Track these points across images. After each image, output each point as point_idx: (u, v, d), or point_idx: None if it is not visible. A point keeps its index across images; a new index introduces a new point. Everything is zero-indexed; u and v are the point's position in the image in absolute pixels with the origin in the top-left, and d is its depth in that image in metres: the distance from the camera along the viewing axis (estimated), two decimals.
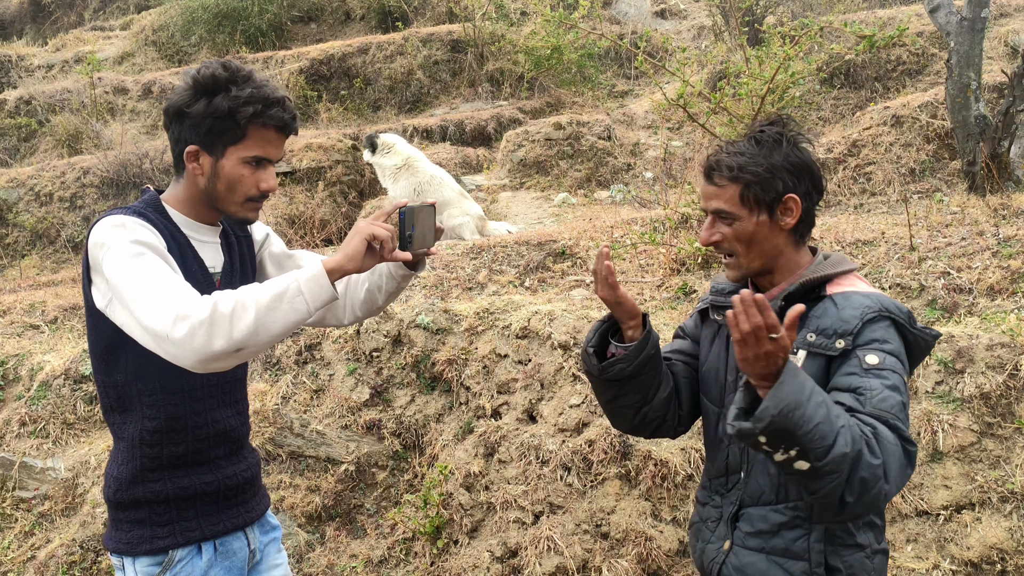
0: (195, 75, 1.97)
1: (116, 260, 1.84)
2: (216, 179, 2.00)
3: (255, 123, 1.95)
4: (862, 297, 1.82)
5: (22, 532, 4.21)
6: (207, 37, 13.23)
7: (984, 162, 6.04)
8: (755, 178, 1.87)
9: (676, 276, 5.21)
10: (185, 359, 1.74)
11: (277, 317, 1.78)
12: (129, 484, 2.03)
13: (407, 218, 1.98)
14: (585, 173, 8.91)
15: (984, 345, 3.55)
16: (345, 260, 1.88)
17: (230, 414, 2.15)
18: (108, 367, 2.01)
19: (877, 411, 1.67)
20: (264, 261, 2.29)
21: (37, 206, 8.98)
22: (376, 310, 2.27)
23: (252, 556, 2.20)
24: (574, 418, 3.87)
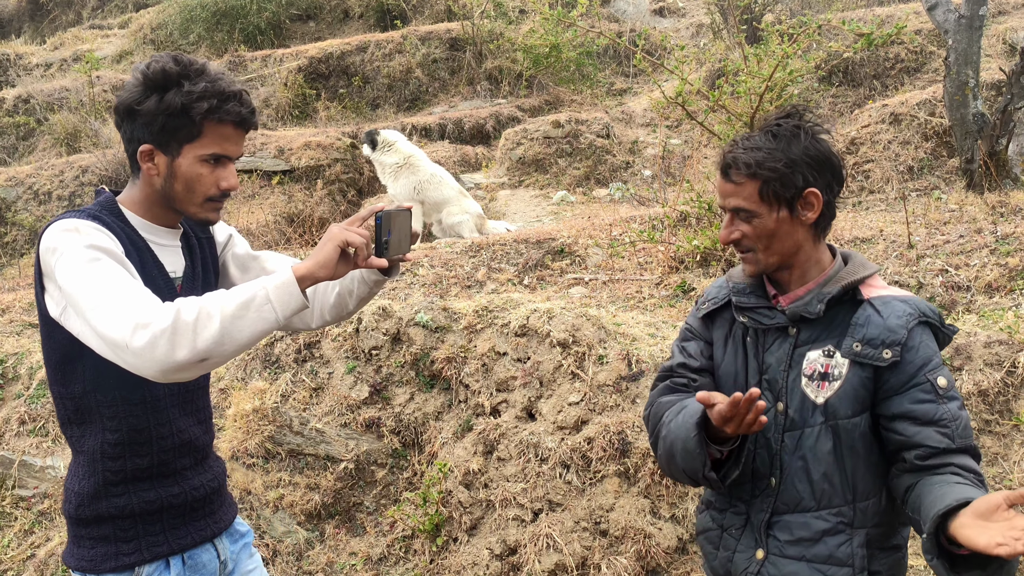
0: (144, 70, 1.86)
1: (69, 266, 1.73)
2: (173, 179, 1.89)
3: (211, 119, 1.85)
4: (901, 303, 1.81)
5: (22, 530, 4.22)
6: (206, 35, 13.23)
7: (982, 160, 6.05)
8: (774, 174, 1.81)
9: (675, 274, 5.22)
10: (146, 369, 1.65)
11: (244, 326, 1.69)
12: (91, 499, 1.93)
13: (383, 223, 1.88)
14: (584, 171, 8.92)
15: (982, 342, 3.55)
16: (316, 267, 1.79)
17: (192, 423, 2.06)
18: (65, 378, 1.90)
19: (964, 442, 1.73)
20: (227, 263, 2.19)
21: (36, 205, 8.98)
22: (346, 315, 2.17)
23: (223, 567, 2.12)
24: (573, 416, 3.88)
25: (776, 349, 1.90)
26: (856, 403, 1.81)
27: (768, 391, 1.90)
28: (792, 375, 1.86)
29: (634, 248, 5.66)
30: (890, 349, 1.76)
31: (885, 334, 1.77)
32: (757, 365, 1.92)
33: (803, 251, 1.89)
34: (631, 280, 5.32)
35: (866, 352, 1.78)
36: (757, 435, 1.90)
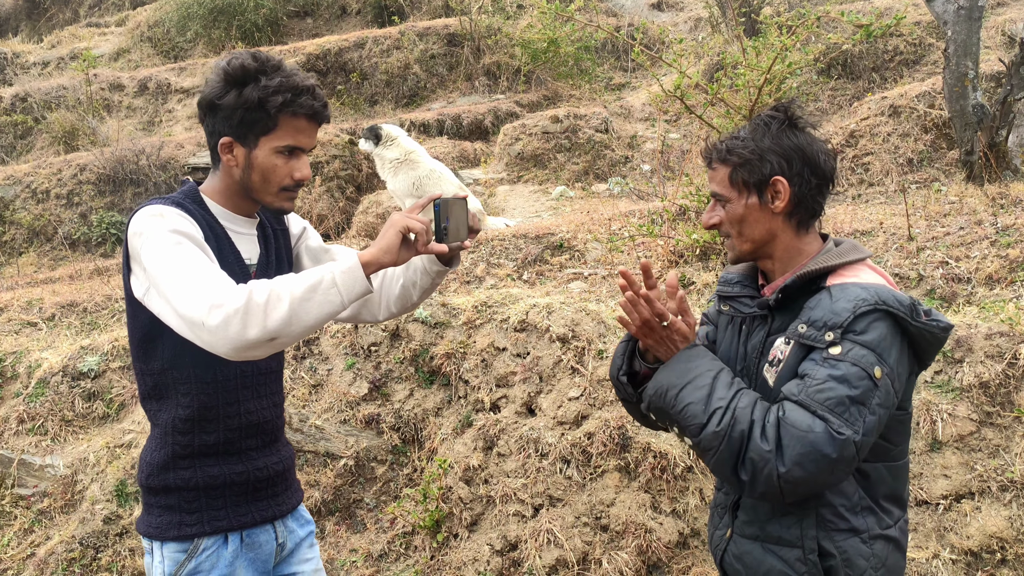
0: (225, 67, 1.97)
1: (154, 249, 1.85)
2: (250, 170, 2.00)
3: (285, 112, 1.95)
4: (860, 289, 1.77)
5: (21, 529, 4.21)
6: (203, 32, 13.20)
7: (982, 151, 6.03)
8: (741, 160, 1.88)
9: (674, 268, 5.21)
10: (220, 347, 1.75)
11: (311, 308, 1.78)
12: (160, 470, 2.04)
13: (442, 210, 1.96)
14: (583, 166, 8.90)
15: (983, 334, 3.54)
16: (380, 253, 1.88)
17: (264, 406, 2.15)
18: (146, 355, 2.02)
19: (807, 399, 1.69)
20: (301, 254, 2.29)
21: (34, 203, 8.96)
22: (411, 306, 2.26)
23: (280, 549, 2.19)
24: (573, 411, 3.87)
25: (754, 337, 1.96)
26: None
27: (746, 377, 1.95)
28: (762, 362, 1.90)
29: (633, 242, 5.64)
30: (832, 331, 1.74)
31: (829, 316, 1.76)
32: (742, 352, 1.98)
33: (779, 240, 1.92)
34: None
35: (809, 333, 1.77)
36: None
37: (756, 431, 1.69)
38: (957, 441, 3.38)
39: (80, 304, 5.89)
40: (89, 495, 4.18)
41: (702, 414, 1.73)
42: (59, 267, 8.17)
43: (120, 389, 4.68)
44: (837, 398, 1.68)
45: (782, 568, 1.83)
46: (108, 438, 4.42)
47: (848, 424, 1.66)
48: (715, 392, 1.75)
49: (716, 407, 1.73)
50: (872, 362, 1.71)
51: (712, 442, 1.72)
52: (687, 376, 1.79)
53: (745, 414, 1.71)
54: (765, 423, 1.70)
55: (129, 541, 4.03)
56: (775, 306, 1.90)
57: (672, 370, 1.82)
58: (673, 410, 1.78)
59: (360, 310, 2.28)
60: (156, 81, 12.02)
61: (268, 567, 2.16)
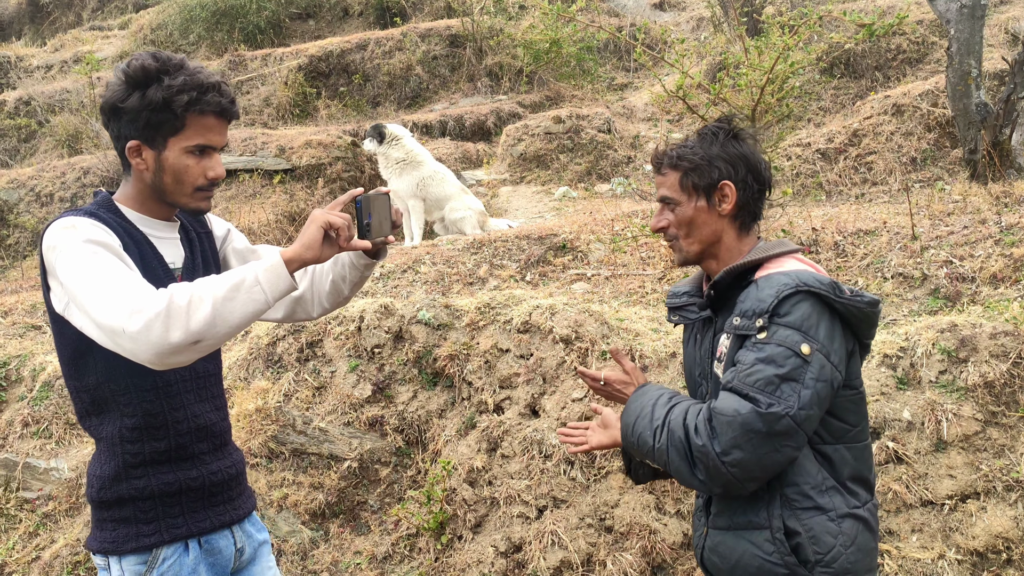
0: (125, 68, 1.92)
1: (68, 261, 1.80)
2: (162, 172, 1.96)
3: (192, 111, 1.91)
4: (782, 276, 1.88)
5: (26, 533, 4.22)
6: (205, 35, 13.22)
7: (985, 150, 6.02)
8: (691, 165, 2.02)
9: (677, 268, 5.20)
10: (142, 354, 1.71)
11: (235, 308, 1.75)
12: (112, 482, 1.99)
13: (363, 206, 1.98)
14: (585, 166, 8.90)
15: (987, 334, 3.53)
16: (303, 249, 1.87)
17: (208, 409, 2.11)
18: (78, 372, 1.97)
19: (738, 384, 1.82)
20: (228, 256, 2.27)
21: (38, 207, 8.98)
22: (343, 300, 2.26)
23: (239, 555, 2.16)
24: (577, 412, 3.87)
25: (705, 340, 2.09)
26: None
27: (704, 379, 2.08)
28: (713, 361, 2.01)
29: (636, 243, 5.64)
30: (761, 318, 1.85)
31: (755, 304, 1.87)
32: (699, 356, 2.11)
33: (723, 242, 2.05)
34: (633, 275, 5.30)
35: (743, 324, 1.89)
36: None
37: (691, 432, 1.83)
38: (962, 441, 3.37)
39: None
40: None
41: (651, 438, 1.91)
42: None
43: None
44: (765, 378, 1.79)
45: (753, 551, 1.90)
46: None
47: (779, 400, 1.78)
48: (654, 415, 1.93)
49: (655, 426, 1.91)
50: (797, 340, 1.81)
51: (662, 457, 1.89)
52: (637, 411, 1.98)
53: (678, 422, 1.87)
54: (696, 422, 1.83)
55: None
56: (710, 304, 2.03)
57: (628, 411, 2.02)
58: (637, 445, 1.97)
59: (294, 308, 2.26)
60: None
61: (227, 573, 2.13)
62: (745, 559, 1.90)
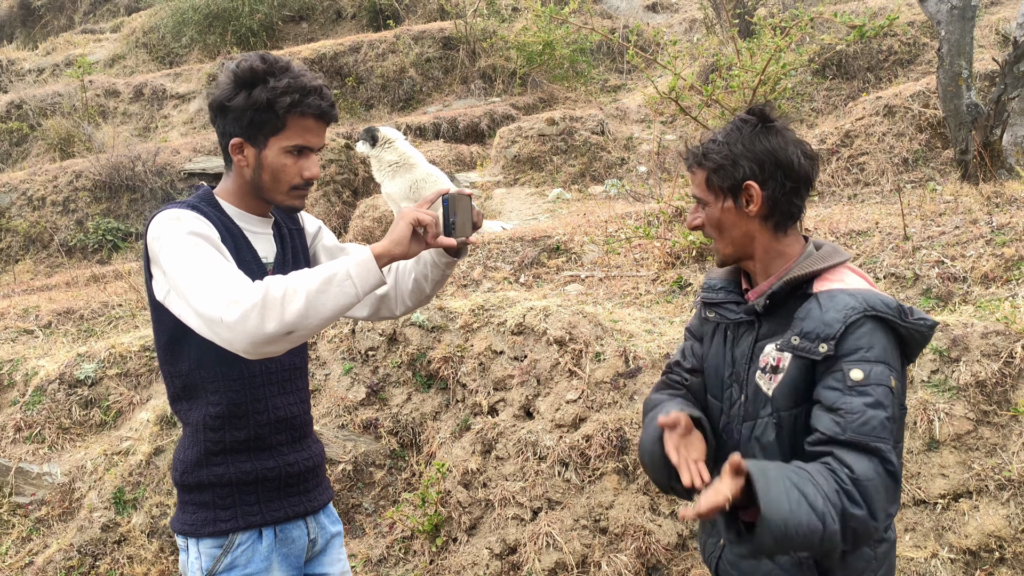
0: (234, 68, 2.02)
1: (172, 251, 1.89)
2: (261, 170, 2.04)
3: (293, 112, 1.99)
4: (848, 297, 1.78)
5: (19, 538, 4.20)
6: (198, 38, 13.20)
7: (977, 150, 6.04)
8: (714, 164, 1.90)
9: (671, 269, 5.21)
10: (238, 343, 1.78)
11: (327, 300, 1.82)
12: (194, 467, 2.08)
13: (450, 205, 2.03)
14: (579, 168, 8.91)
15: (979, 333, 3.54)
16: (392, 245, 1.92)
17: (291, 401, 2.18)
18: (173, 357, 2.06)
19: (857, 436, 1.69)
20: (318, 253, 2.34)
21: (30, 210, 8.95)
22: (425, 299, 2.32)
23: (311, 545, 2.22)
24: (571, 413, 3.87)
25: (742, 343, 1.96)
26: (794, 395, 1.82)
27: (735, 383, 1.96)
28: (752, 368, 1.91)
29: (630, 244, 5.65)
30: (825, 343, 1.75)
31: (820, 328, 1.77)
32: (730, 358, 1.99)
33: (758, 243, 1.92)
34: (627, 276, 5.31)
35: (803, 346, 1.79)
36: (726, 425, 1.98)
37: (846, 501, 1.65)
38: (954, 440, 3.38)
39: (77, 311, 5.89)
40: (87, 503, 4.17)
41: (818, 525, 1.62)
42: (55, 274, 8.16)
43: (117, 396, 4.68)
44: (880, 424, 1.70)
45: (778, 572, 1.84)
46: (106, 445, 4.42)
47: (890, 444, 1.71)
48: (807, 493, 1.64)
49: (821, 507, 1.63)
50: (888, 374, 1.73)
51: (834, 539, 1.65)
52: (782, 498, 1.62)
53: (833, 490, 1.66)
54: (845, 487, 1.66)
55: (127, 549, 4.02)
56: (762, 312, 1.90)
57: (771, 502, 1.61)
58: (797, 541, 1.63)
59: (379, 307, 2.33)
60: (151, 87, 12.01)
61: (300, 563, 2.20)
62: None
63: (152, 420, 4.38)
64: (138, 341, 4.93)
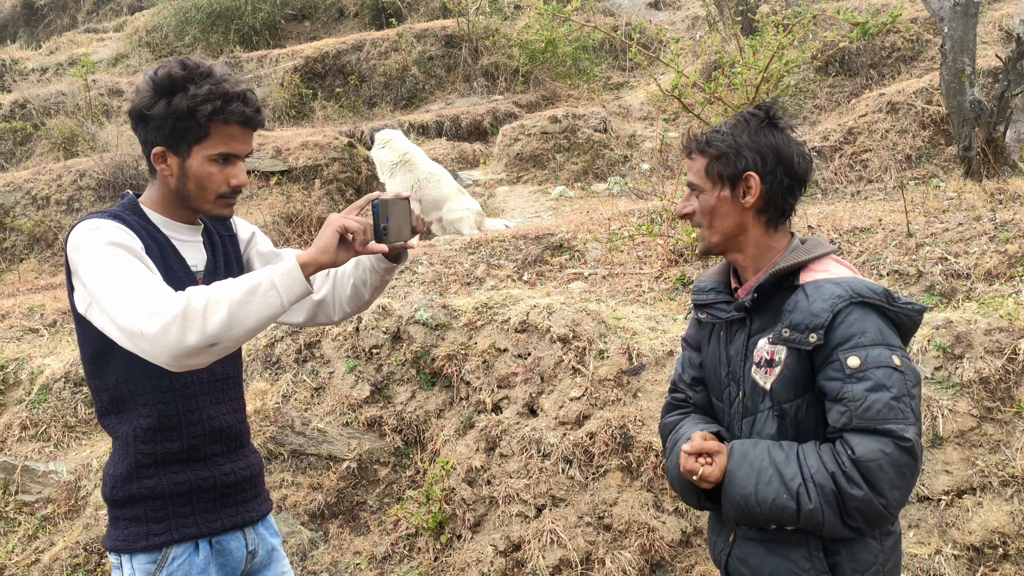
0: (152, 76, 1.95)
1: (91, 263, 1.84)
2: (185, 179, 1.98)
3: (216, 120, 1.93)
4: (833, 286, 1.82)
5: (25, 536, 4.22)
6: (201, 37, 13.21)
7: (980, 147, 6.04)
8: (718, 152, 1.93)
9: (674, 267, 5.22)
10: (160, 356, 1.74)
11: (250, 311, 1.78)
12: (124, 480, 2.02)
13: (380, 210, 1.98)
14: (582, 166, 8.91)
15: (982, 330, 3.55)
16: (318, 253, 1.88)
17: (225, 411, 2.13)
18: (99, 371, 2.00)
19: (862, 423, 1.72)
20: (252, 260, 2.28)
21: (34, 209, 8.97)
22: (364, 305, 2.27)
23: (251, 557, 2.17)
24: (575, 411, 3.88)
25: (735, 340, 1.99)
26: (795, 386, 1.85)
27: (732, 381, 1.99)
28: (747, 364, 1.94)
29: (633, 242, 5.65)
30: (815, 333, 1.79)
31: (808, 319, 1.81)
32: (726, 357, 2.02)
33: (749, 236, 1.96)
34: (630, 274, 5.31)
35: (794, 337, 1.82)
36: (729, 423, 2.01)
37: (843, 482, 1.72)
38: (958, 437, 3.38)
39: None
40: (93, 500, 4.19)
41: (789, 500, 1.75)
42: (60, 273, 8.17)
43: None
44: (885, 405, 1.72)
45: (787, 566, 1.85)
46: (111, 443, 4.43)
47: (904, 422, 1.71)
48: (784, 475, 1.77)
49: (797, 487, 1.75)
50: (888, 354, 1.76)
51: (814, 517, 1.74)
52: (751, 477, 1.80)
53: (823, 474, 1.74)
54: (844, 469, 1.72)
55: None
56: (751, 307, 1.93)
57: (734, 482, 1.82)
58: (763, 513, 1.79)
59: (315, 312, 2.27)
60: None
61: (238, 574, 2.14)
62: (779, 574, 1.86)
63: None
64: None
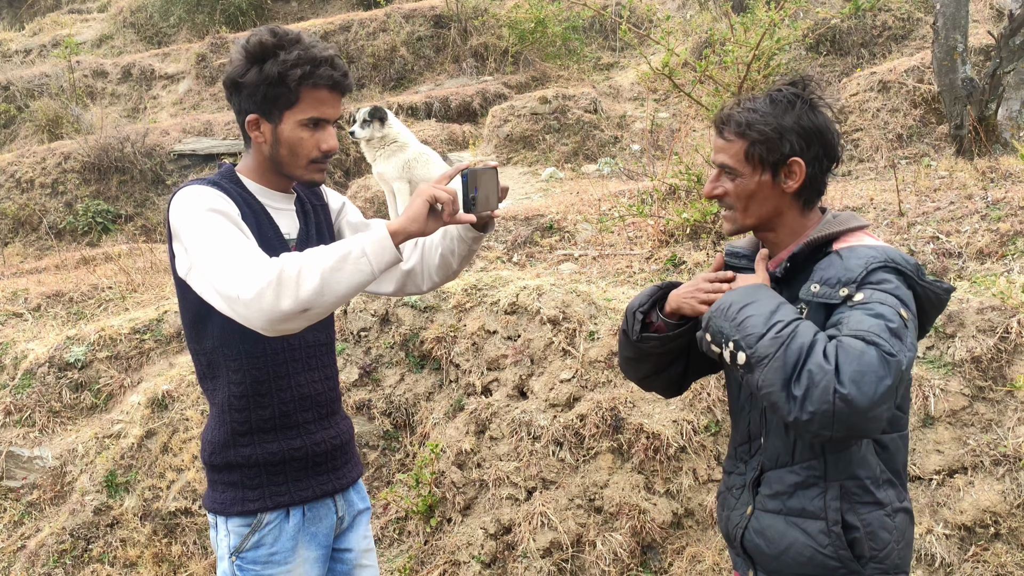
0: (244, 44, 2.00)
1: (192, 228, 1.89)
2: (278, 145, 2.03)
3: (306, 84, 1.97)
4: (868, 249, 1.79)
5: (11, 522, 4.18)
6: (186, 17, 13.06)
7: (972, 125, 6.01)
8: (761, 136, 1.85)
9: (665, 248, 5.18)
10: (255, 320, 1.78)
11: (342, 278, 1.81)
12: (222, 448, 2.09)
13: (469, 180, 2.01)
14: (572, 147, 8.85)
15: (974, 309, 3.53)
16: (408, 222, 1.91)
17: (316, 378, 2.18)
18: (198, 335, 2.06)
19: (851, 331, 1.65)
20: (343, 229, 2.32)
21: (18, 193, 8.88)
22: (452, 275, 2.31)
23: (339, 523, 2.23)
24: (565, 393, 3.85)
25: None
26: None
27: None
28: None
29: (623, 223, 5.61)
30: (846, 287, 1.73)
31: (842, 273, 1.76)
32: None
33: (785, 218, 1.92)
34: (621, 255, 5.28)
35: (823, 292, 1.77)
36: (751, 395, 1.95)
37: (818, 348, 1.64)
38: (950, 416, 3.37)
39: (66, 294, 5.84)
40: (79, 486, 4.15)
41: (762, 325, 1.70)
42: (45, 257, 8.09)
43: (108, 379, 4.64)
44: (880, 327, 1.64)
45: (805, 540, 1.82)
46: (97, 429, 4.39)
47: (896, 349, 1.62)
48: (779, 311, 1.73)
49: (777, 320, 1.70)
50: (898, 304, 1.70)
51: (768, 349, 1.66)
52: (753, 297, 1.78)
53: (808, 332, 1.67)
54: (826, 345, 1.64)
55: (120, 532, 4.00)
56: (783, 276, 1.90)
57: (738, 292, 1.81)
58: (732, 322, 1.75)
59: (405, 282, 2.32)
60: (140, 67, 11.89)
61: (329, 540, 2.20)
62: (796, 547, 1.83)
63: (143, 403, 4.34)
64: (128, 324, 4.89)
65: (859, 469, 1.80)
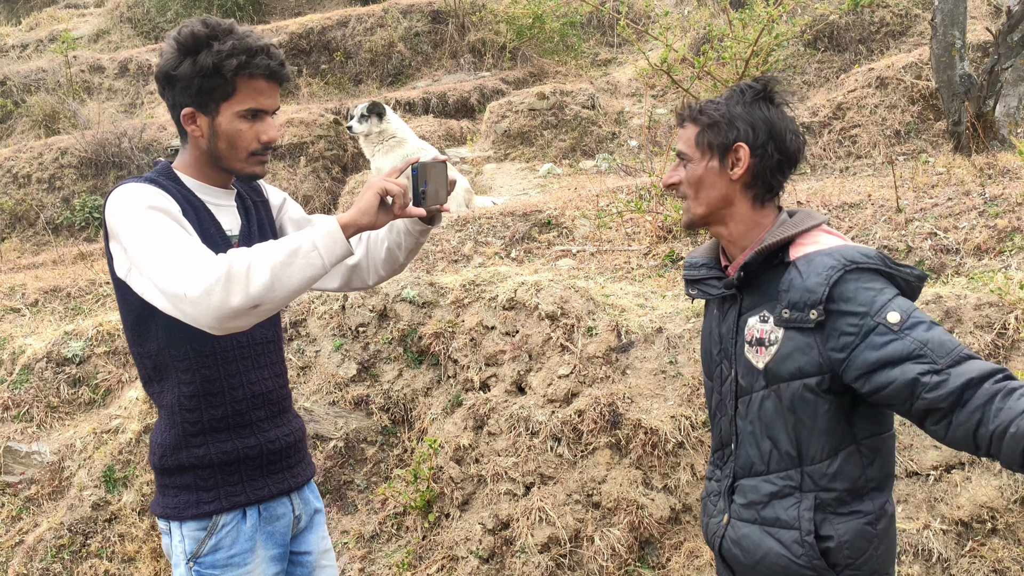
0: (176, 36, 1.95)
1: (131, 227, 1.84)
2: (216, 138, 1.98)
3: (242, 75, 1.92)
4: (824, 257, 1.76)
5: (9, 517, 4.18)
6: (183, 12, 13.01)
7: (969, 122, 6.01)
8: (710, 120, 1.89)
9: (663, 243, 5.19)
10: (202, 318, 1.74)
11: (292, 272, 1.78)
12: (173, 450, 2.04)
13: (419, 174, 2.00)
14: (570, 143, 8.84)
15: (972, 305, 3.53)
16: (358, 215, 1.89)
17: (266, 376, 2.14)
18: (141, 338, 2.01)
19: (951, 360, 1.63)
20: (284, 225, 2.29)
21: (15, 188, 8.85)
22: (398, 267, 2.29)
23: (296, 522, 2.21)
24: (563, 388, 3.85)
25: (727, 318, 1.95)
26: (796, 365, 1.78)
27: (724, 360, 1.95)
28: (739, 342, 1.90)
29: (621, 219, 5.61)
30: (815, 309, 1.74)
31: (805, 296, 1.75)
32: (717, 335, 1.99)
33: (734, 210, 1.91)
34: (619, 251, 5.28)
35: (795, 317, 1.77)
36: (720, 403, 1.97)
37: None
38: None
39: (63, 289, 5.83)
40: (77, 481, 4.15)
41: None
42: (42, 252, 8.08)
43: (106, 375, 4.64)
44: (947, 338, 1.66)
45: (779, 550, 1.82)
46: (95, 424, 4.38)
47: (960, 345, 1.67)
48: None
49: None
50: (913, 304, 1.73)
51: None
52: None
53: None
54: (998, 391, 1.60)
55: (118, 527, 4.00)
56: (740, 284, 1.89)
57: None
58: None
59: (350, 276, 2.29)
60: (137, 62, 11.85)
61: (286, 539, 2.18)
62: (771, 558, 1.83)
63: (141, 398, 4.34)
64: None
65: (836, 481, 1.79)
